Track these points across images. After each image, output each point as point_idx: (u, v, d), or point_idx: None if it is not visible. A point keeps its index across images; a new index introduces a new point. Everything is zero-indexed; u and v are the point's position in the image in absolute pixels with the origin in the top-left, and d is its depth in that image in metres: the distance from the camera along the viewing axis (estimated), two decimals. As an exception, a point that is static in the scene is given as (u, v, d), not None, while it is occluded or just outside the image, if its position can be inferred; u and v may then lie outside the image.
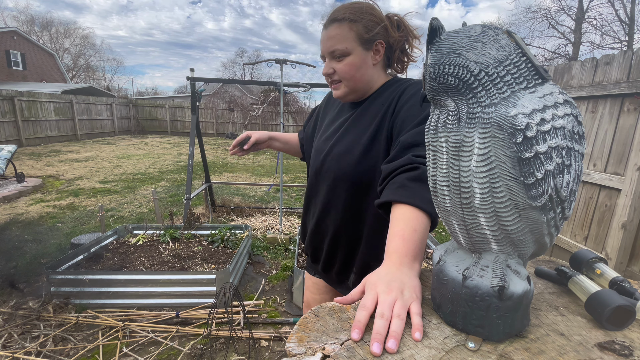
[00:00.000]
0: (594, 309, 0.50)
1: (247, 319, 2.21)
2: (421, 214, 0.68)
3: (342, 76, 0.95)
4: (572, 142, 0.42)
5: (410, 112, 0.85)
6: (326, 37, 0.93)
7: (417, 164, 0.75)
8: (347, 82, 0.96)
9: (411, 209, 0.69)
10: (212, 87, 18.00)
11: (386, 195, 0.75)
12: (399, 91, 0.93)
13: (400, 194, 0.71)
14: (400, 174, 0.76)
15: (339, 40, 0.92)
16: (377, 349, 0.43)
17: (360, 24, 0.91)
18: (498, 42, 0.42)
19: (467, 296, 0.46)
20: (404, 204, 0.70)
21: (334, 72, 0.96)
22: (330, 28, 0.92)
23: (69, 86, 17.28)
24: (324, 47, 0.96)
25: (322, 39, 0.95)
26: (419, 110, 0.85)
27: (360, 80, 0.95)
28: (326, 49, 0.95)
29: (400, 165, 0.77)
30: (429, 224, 0.69)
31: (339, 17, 0.91)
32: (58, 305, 2.41)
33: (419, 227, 0.66)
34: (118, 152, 10.47)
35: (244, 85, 17.49)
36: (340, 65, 0.94)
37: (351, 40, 0.91)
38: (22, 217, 4.40)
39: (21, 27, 24.70)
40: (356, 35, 0.91)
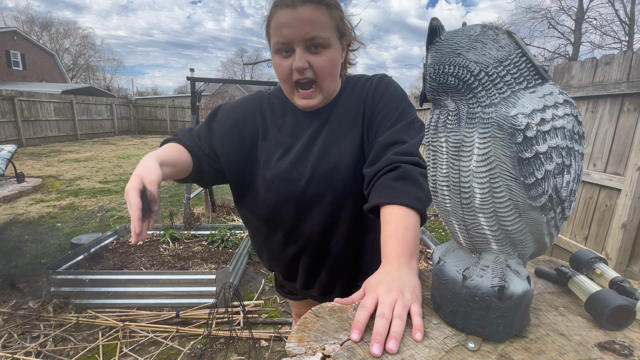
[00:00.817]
0: (594, 309, 0.50)
1: (247, 319, 2.21)
2: (410, 211, 0.69)
3: (321, 74, 0.78)
4: (572, 142, 0.42)
5: (386, 111, 0.84)
6: (297, 19, 0.73)
7: (397, 163, 0.75)
8: (325, 83, 0.80)
9: (399, 208, 0.69)
10: (212, 87, 18.00)
11: (373, 199, 0.74)
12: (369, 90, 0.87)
13: (386, 195, 0.72)
14: (383, 175, 0.75)
15: (319, 26, 0.74)
16: (377, 350, 0.43)
17: (336, 12, 0.77)
18: (498, 42, 0.42)
19: (467, 296, 0.46)
20: (391, 205, 0.70)
21: (309, 66, 0.76)
22: (304, 9, 0.73)
23: (69, 86, 17.29)
24: (293, 32, 0.73)
25: (288, 21, 0.73)
26: (393, 109, 0.84)
27: (334, 80, 0.82)
28: (299, 35, 0.74)
29: (382, 167, 0.77)
30: (418, 220, 0.69)
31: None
32: (58, 305, 2.41)
33: (410, 225, 0.67)
34: (118, 152, 10.46)
35: (244, 85, 17.50)
36: (320, 60, 0.76)
37: (331, 29, 0.76)
38: (22, 217, 4.40)
39: (21, 27, 24.72)
40: (335, 25, 0.77)
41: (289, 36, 0.74)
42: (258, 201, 0.92)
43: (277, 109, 0.91)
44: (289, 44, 0.76)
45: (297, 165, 0.86)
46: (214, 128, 0.91)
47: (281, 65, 0.78)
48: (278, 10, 0.75)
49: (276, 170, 0.87)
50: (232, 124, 0.90)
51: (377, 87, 0.87)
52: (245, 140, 0.90)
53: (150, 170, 0.68)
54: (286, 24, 0.74)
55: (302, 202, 0.88)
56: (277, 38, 0.76)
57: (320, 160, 0.85)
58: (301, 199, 0.87)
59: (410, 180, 0.73)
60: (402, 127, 0.82)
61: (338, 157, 0.84)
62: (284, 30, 0.74)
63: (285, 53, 0.77)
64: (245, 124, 0.90)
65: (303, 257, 0.96)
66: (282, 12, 0.74)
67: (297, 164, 0.86)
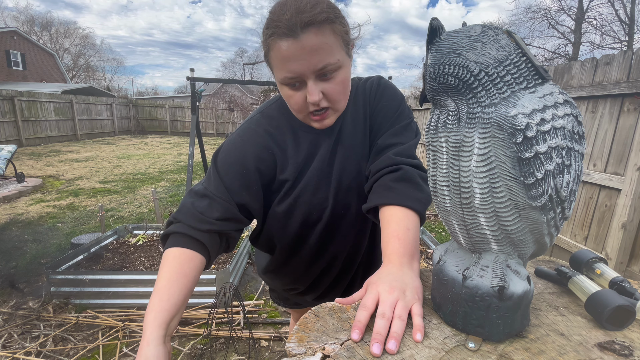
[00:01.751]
0: (594, 309, 0.50)
1: (247, 319, 2.21)
2: (410, 212, 0.69)
3: (335, 99, 0.73)
4: (572, 142, 0.42)
5: (384, 113, 0.85)
6: (304, 50, 0.65)
7: (398, 165, 0.76)
8: (339, 105, 0.75)
9: (400, 209, 0.70)
10: (212, 87, 18.01)
11: (373, 199, 0.75)
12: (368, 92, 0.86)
13: (387, 196, 0.72)
14: (383, 175, 0.76)
15: (328, 52, 0.67)
16: (377, 350, 0.43)
17: (339, 23, 0.70)
18: (498, 42, 0.42)
19: (467, 296, 0.46)
20: (392, 206, 0.71)
21: (323, 96, 0.71)
22: (307, 36, 0.65)
23: (69, 86, 17.29)
24: (302, 66, 0.66)
25: (293, 54, 0.66)
26: (392, 111, 0.84)
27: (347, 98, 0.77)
28: (310, 68, 0.67)
29: (383, 167, 0.77)
30: (418, 221, 0.70)
31: (316, 18, 0.65)
32: (58, 305, 2.41)
33: (410, 226, 0.67)
34: (118, 152, 10.46)
35: (244, 85, 17.50)
36: (333, 85, 0.71)
37: (339, 47, 0.70)
38: (22, 217, 4.39)
39: (21, 27, 24.72)
40: (341, 40, 0.70)
41: (297, 70, 0.67)
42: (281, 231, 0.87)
43: (284, 132, 0.82)
44: (298, 78, 0.69)
45: (320, 187, 0.82)
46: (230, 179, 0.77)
47: (294, 97, 0.72)
48: (278, 41, 0.66)
49: (301, 197, 0.82)
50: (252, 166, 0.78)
51: (376, 88, 0.87)
52: (266, 178, 0.82)
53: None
54: (292, 57, 0.66)
55: (331, 219, 0.85)
56: (285, 73, 0.69)
57: (343, 174, 0.83)
58: (330, 217, 0.85)
59: (410, 182, 0.73)
60: (400, 128, 0.83)
61: (357, 164, 0.84)
62: (290, 65, 0.67)
63: (294, 86, 0.71)
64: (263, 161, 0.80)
65: (328, 273, 0.95)
66: (283, 44, 0.66)
67: (319, 186, 0.82)
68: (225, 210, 0.74)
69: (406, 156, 0.77)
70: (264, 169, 0.80)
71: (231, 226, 0.76)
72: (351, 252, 0.93)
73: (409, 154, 0.78)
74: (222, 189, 0.76)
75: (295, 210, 0.83)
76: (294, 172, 0.81)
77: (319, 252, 0.91)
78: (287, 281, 1.01)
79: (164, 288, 0.64)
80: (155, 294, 0.64)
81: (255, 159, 0.79)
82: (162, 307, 0.62)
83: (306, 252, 0.90)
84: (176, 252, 0.69)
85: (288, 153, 0.82)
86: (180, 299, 0.65)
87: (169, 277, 0.66)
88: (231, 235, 0.78)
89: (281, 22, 0.65)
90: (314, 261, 0.92)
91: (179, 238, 0.71)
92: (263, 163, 0.79)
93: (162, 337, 0.60)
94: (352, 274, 0.99)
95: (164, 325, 0.61)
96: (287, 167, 0.81)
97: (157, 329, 0.60)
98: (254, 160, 0.78)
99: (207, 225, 0.72)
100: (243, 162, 0.78)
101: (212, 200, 0.75)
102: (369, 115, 0.86)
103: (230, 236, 0.78)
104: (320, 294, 1.01)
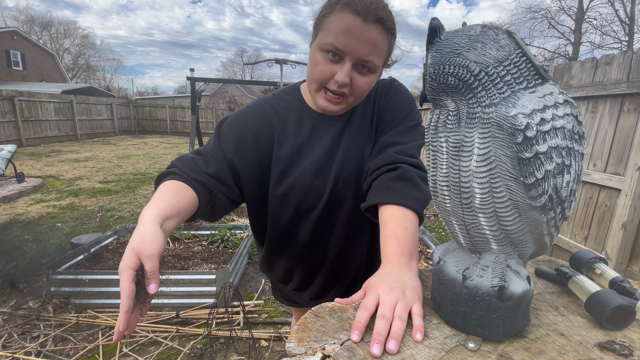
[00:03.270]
0: (594, 309, 0.50)
1: (247, 319, 2.21)
2: (408, 211, 0.69)
3: (357, 93, 0.77)
4: (572, 142, 0.42)
5: (392, 113, 0.85)
6: (364, 35, 0.69)
7: (397, 163, 0.76)
8: (353, 100, 0.79)
9: (398, 208, 0.69)
10: (212, 87, 18.01)
11: (372, 198, 0.75)
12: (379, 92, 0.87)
13: (386, 195, 0.72)
14: (382, 174, 0.76)
15: (378, 51, 0.72)
16: (377, 350, 0.43)
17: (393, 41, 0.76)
18: (498, 42, 0.42)
19: (467, 296, 0.46)
20: (390, 205, 0.70)
21: (349, 83, 0.74)
22: (372, 27, 0.69)
23: (69, 86, 17.29)
24: (354, 46, 0.69)
25: (354, 31, 0.68)
26: (399, 111, 0.85)
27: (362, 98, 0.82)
28: (358, 51, 0.70)
29: (382, 165, 0.77)
30: (417, 220, 0.70)
31: (386, 22, 0.71)
32: (58, 305, 2.41)
33: (409, 225, 0.67)
34: (118, 152, 10.46)
35: (244, 85, 17.51)
36: (361, 80, 0.75)
37: (383, 57, 0.75)
38: (22, 217, 4.40)
39: (21, 27, 24.72)
40: (387, 54, 0.76)
41: (348, 47, 0.69)
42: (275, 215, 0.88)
43: (290, 112, 0.85)
44: (342, 53, 0.70)
45: (320, 174, 0.83)
46: (227, 143, 0.81)
47: (324, 67, 0.73)
48: (347, 11, 0.68)
49: (298, 181, 0.83)
50: (250, 134, 0.82)
51: (388, 89, 0.88)
52: (263, 150, 0.83)
53: (148, 241, 0.55)
54: (351, 33, 0.68)
55: (326, 210, 0.86)
56: (334, 41, 0.70)
57: (344, 165, 0.84)
58: (326, 207, 0.85)
59: (408, 181, 0.73)
60: (405, 129, 0.83)
61: (361, 159, 0.84)
62: (346, 39, 0.69)
63: (332, 56, 0.72)
64: (262, 133, 0.83)
65: (321, 267, 0.96)
66: (350, 17, 0.68)
67: (322, 171, 0.84)
68: (216, 170, 0.78)
69: (407, 155, 0.77)
70: (261, 141, 0.83)
71: (220, 187, 0.79)
72: (345, 251, 0.92)
73: (410, 153, 0.78)
74: (217, 149, 0.81)
75: (291, 192, 0.84)
76: (291, 151, 0.84)
77: (311, 245, 0.91)
78: (281, 273, 1.01)
79: (159, 198, 0.67)
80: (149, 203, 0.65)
81: (254, 129, 0.83)
82: (158, 205, 0.64)
83: (298, 242, 0.91)
84: (172, 181, 0.73)
85: (288, 131, 0.84)
86: (175, 207, 0.66)
87: (165, 191, 0.69)
88: (218, 198, 0.79)
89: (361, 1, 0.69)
90: (306, 254, 0.93)
91: (175, 176, 0.75)
92: (261, 134, 0.83)
93: (159, 223, 0.60)
94: (350, 277, 0.98)
95: (160, 217, 0.61)
96: (285, 145, 0.84)
97: (153, 215, 0.60)
98: (252, 129, 0.83)
99: (198, 175, 0.75)
100: (242, 129, 0.82)
101: (206, 158, 0.79)
102: (377, 114, 0.87)
103: (217, 198, 0.79)
104: (317, 294, 1.01)
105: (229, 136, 0.82)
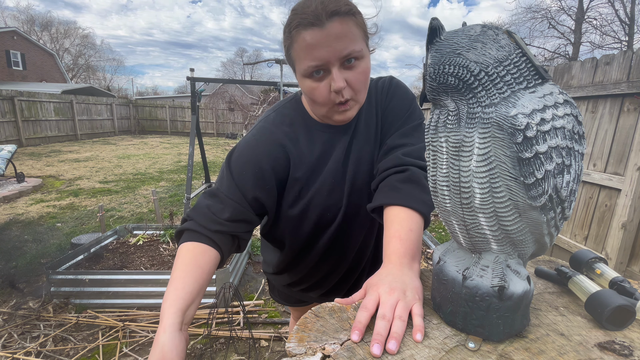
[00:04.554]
0: (594, 309, 0.50)
1: (247, 319, 2.21)
2: (414, 214, 0.69)
3: (358, 89, 0.73)
4: (572, 142, 0.42)
5: (395, 112, 0.85)
6: (329, 37, 0.67)
7: (406, 165, 0.76)
8: (360, 96, 0.75)
9: (405, 210, 0.69)
10: (212, 87, 17.99)
11: (379, 199, 0.75)
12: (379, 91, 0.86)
13: (393, 196, 0.72)
14: (390, 175, 0.76)
15: (352, 39, 0.68)
16: (377, 350, 0.43)
17: (360, 18, 0.72)
18: (498, 42, 0.42)
19: (467, 296, 0.46)
20: (396, 206, 0.70)
21: (346, 85, 0.71)
22: (332, 24, 0.67)
23: (69, 86, 17.29)
24: (329, 52, 0.67)
25: (319, 41, 0.67)
26: (402, 111, 0.85)
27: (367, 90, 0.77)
28: (335, 54, 0.68)
29: (390, 166, 0.77)
30: (422, 223, 0.70)
31: (340, 9, 0.67)
32: (58, 305, 2.41)
33: (414, 227, 0.67)
34: (118, 152, 10.46)
35: (244, 85, 17.50)
36: (356, 74, 0.71)
37: (361, 38, 0.71)
38: (22, 217, 4.39)
39: (21, 27, 24.72)
40: (363, 33, 0.72)
41: (324, 57, 0.68)
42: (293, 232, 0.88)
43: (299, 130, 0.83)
44: (323, 65, 0.69)
45: (335, 188, 0.83)
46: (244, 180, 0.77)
47: (318, 89, 0.71)
48: (302, 32, 0.67)
49: (315, 199, 0.83)
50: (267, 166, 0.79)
51: (388, 88, 0.87)
52: (281, 176, 0.82)
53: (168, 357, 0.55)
54: (317, 45, 0.67)
55: (343, 220, 0.86)
56: (310, 62, 0.68)
57: (356, 174, 0.84)
58: (343, 218, 0.86)
59: (417, 184, 0.73)
60: (410, 129, 0.83)
61: (370, 167, 0.85)
62: (317, 52, 0.67)
63: (317, 75, 0.70)
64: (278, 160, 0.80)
65: (336, 271, 0.97)
66: (308, 33, 0.67)
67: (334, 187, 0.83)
68: (235, 212, 0.75)
69: (415, 157, 0.77)
70: (279, 168, 0.80)
71: (241, 227, 0.77)
72: (359, 251, 0.94)
73: (418, 155, 0.78)
74: (233, 189, 0.76)
75: (309, 212, 0.84)
76: (307, 171, 0.82)
77: (328, 252, 0.92)
78: (294, 278, 1.01)
79: (179, 278, 0.65)
80: (170, 284, 0.65)
81: (269, 158, 0.79)
82: (177, 295, 0.62)
83: (316, 252, 0.91)
84: (190, 245, 0.71)
85: (302, 151, 0.82)
86: (195, 288, 0.65)
87: (184, 268, 0.67)
88: (241, 237, 0.79)
89: (306, 13, 0.67)
90: (322, 260, 0.93)
91: (192, 234, 0.72)
92: (277, 161, 0.80)
93: (179, 324, 0.60)
94: (358, 272, 1.00)
95: (180, 312, 0.61)
96: (301, 166, 0.82)
97: (172, 316, 0.60)
98: (267, 159, 0.79)
99: (217, 225, 0.73)
100: (257, 162, 0.78)
101: (222, 201, 0.76)
102: (380, 115, 0.86)
103: (241, 238, 0.79)
104: (326, 290, 1.02)
105: (244, 173, 0.77)
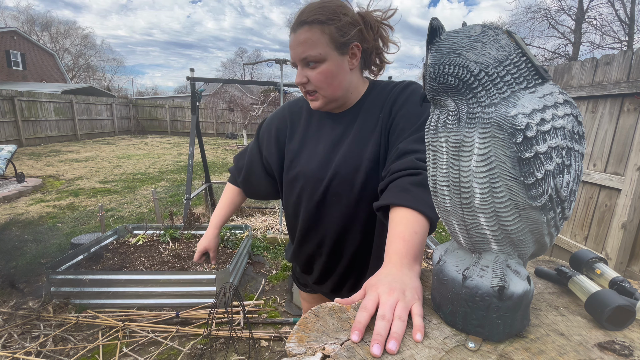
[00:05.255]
0: (594, 309, 0.50)
1: (247, 319, 2.21)
2: (422, 217, 0.69)
3: (317, 85, 0.87)
4: (572, 142, 0.42)
5: (408, 118, 0.85)
6: (296, 42, 0.84)
7: (420, 169, 0.76)
8: (324, 92, 0.88)
9: (412, 212, 0.69)
10: (212, 87, 17.99)
11: (387, 197, 0.75)
12: (392, 95, 0.89)
13: (403, 197, 0.72)
14: (403, 177, 0.76)
15: (310, 45, 0.83)
16: (377, 351, 0.43)
17: (333, 26, 0.83)
18: (498, 42, 0.42)
19: (467, 296, 0.46)
20: (404, 207, 0.70)
21: (307, 81, 0.87)
22: (300, 32, 0.83)
23: (69, 86, 17.28)
24: (294, 54, 0.86)
25: (292, 44, 0.86)
26: (415, 117, 0.85)
27: (338, 88, 0.88)
28: (297, 56, 0.85)
29: (403, 168, 0.77)
30: (428, 227, 0.70)
31: (308, 19, 0.82)
32: (58, 305, 2.41)
33: (419, 230, 0.67)
34: (118, 152, 10.46)
35: (244, 85, 17.49)
36: (314, 74, 0.85)
37: (324, 44, 0.83)
38: (22, 217, 4.40)
39: (21, 27, 24.71)
40: (330, 39, 0.83)
41: (292, 57, 0.87)
42: (285, 201, 1.05)
43: (303, 112, 1.01)
44: (294, 63, 0.88)
45: (322, 168, 0.93)
46: (262, 142, 1.07)
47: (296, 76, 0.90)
48: (289, 33, 0.88)
49: (302, 170, 0.96)
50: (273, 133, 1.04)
51: (401, 93, 0.89)
52: (281, 144, 1.02)
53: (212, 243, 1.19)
54: (290, 46, 0.87)
55: (321, 201, 0.95)
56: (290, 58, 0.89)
57: (343, 163, 0.90)
58: (321, 198, 0.94)
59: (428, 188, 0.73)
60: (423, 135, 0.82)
61: (359, 161, 0.89)
62: (291, 51, 0.87)
63: (296, 68, 0.89)
64: (280, 130, 1.03)
65: (319, 254, 1.03)
66: (290, 36, 0.87)
67: (322, 166, 0.93)
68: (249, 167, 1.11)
69: None
70: (281, 136, 1.03)
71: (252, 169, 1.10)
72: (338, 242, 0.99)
73: None
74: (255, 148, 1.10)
75: (297, 180, 0.98)
76: (298, 144, 0.98)
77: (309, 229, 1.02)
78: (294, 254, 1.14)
79: (219, 208, 1.19)
80: (216, 209, 1.19)
81: (276, 128, 1.04)
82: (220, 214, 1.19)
83: (301, 225, 1.03)
84: (229, 187, 1.20)
85: (299, 125, 1.00)
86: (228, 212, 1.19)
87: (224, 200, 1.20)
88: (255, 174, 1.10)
89: (293, 20, 0.87)
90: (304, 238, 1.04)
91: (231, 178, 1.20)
92: (280, 132, 1.03)
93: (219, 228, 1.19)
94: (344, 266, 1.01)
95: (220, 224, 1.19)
96: (294, 138, 1.00)
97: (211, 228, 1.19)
98: (275, 128, 1.04)
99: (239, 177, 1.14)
100: (269, 129, 1.05)
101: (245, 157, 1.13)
102: (386, 118, 0.87)
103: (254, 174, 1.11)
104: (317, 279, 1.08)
105: (263, 136, 1.07)
